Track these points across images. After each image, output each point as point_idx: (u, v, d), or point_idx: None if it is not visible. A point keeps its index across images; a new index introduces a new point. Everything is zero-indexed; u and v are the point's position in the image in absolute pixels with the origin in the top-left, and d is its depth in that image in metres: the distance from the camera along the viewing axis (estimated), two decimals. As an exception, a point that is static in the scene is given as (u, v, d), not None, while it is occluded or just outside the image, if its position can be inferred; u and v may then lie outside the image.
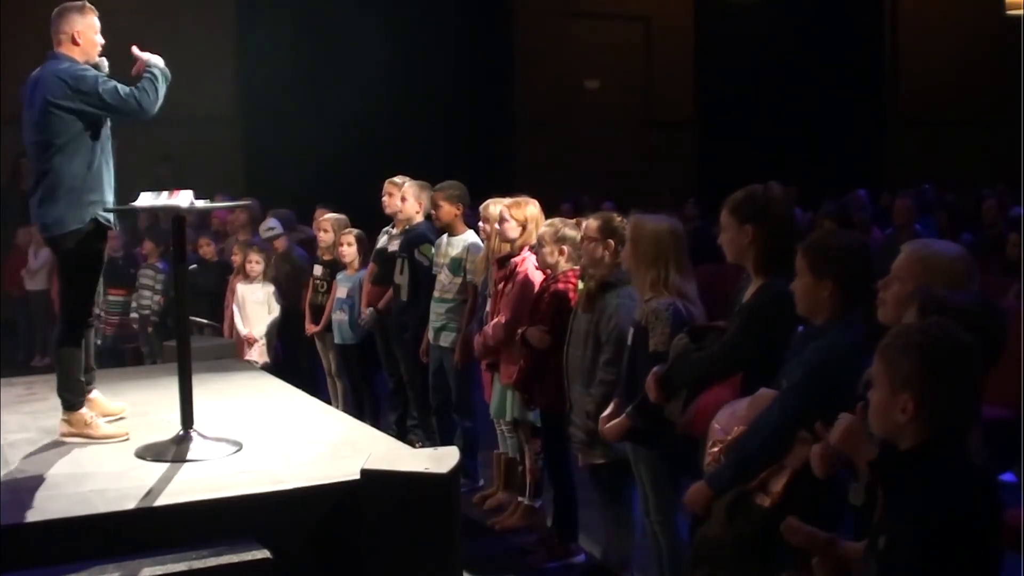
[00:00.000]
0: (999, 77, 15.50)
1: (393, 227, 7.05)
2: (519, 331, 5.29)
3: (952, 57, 17.49)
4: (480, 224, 6.10)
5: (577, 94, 16.14)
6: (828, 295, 3.23)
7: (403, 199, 6.80)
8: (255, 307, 7.61)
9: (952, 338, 2.30)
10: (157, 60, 4.72)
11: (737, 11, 16.40)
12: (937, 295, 2.63)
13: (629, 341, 4.38)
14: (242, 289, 7.63)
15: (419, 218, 6.76)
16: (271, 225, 8.19)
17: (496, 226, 5.82)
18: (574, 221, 5.30)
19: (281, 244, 8.12)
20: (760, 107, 16.28)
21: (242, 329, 7.53)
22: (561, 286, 5.16)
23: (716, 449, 3.37)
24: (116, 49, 4.85)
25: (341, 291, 7.29)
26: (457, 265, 6.32)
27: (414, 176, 6.99)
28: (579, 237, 5.11)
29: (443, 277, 6.39)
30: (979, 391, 2.37)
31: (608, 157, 15.28)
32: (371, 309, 7.03)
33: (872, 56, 18.15)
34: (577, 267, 5.14)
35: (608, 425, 4.36)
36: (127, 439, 4.72)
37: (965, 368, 2.30)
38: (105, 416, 4.92)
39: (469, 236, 6.37)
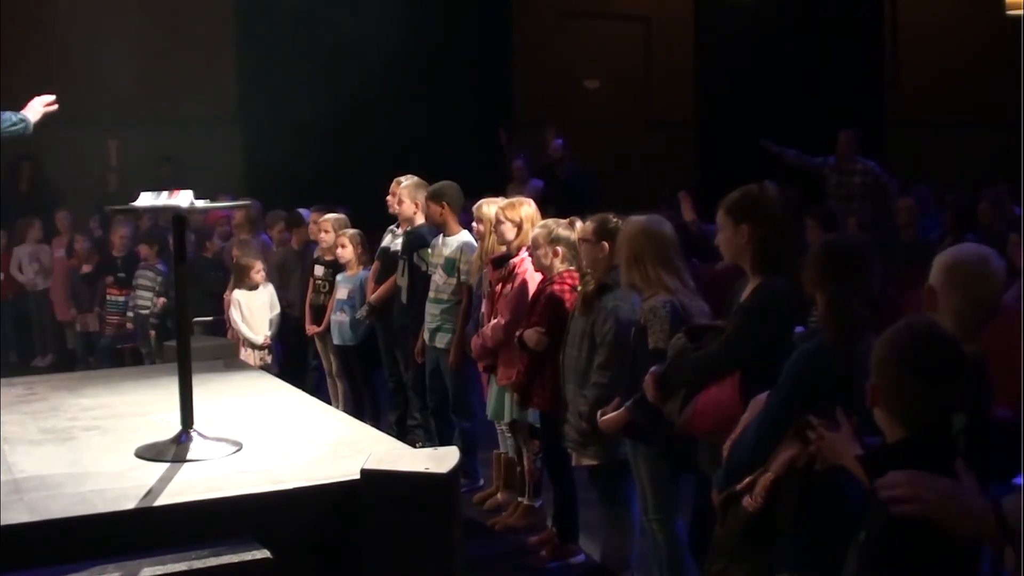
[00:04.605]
0: (999, 77, 15.48)
1: (398, 226, 7.05)
2: (516, 333, 5.30)
3: (952, 57, 17.45)
4: (473, 224, 6.09)
5: (577, 94, 16.13)
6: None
7: (400, 201, 6.80)
8: (261, 311, 7.60)
9: (933, 333, 2.32)
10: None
11: (737, 11, 16.39)
12: None
13: (631, 340, 4.40)
14: (245, 297, 7.58)
15: (419, 219, 6.74)
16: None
17: (491, 227, 5.82)
18: (567, 221, 5.30)
19: (298, 238, 8.25)
20: (760, 107, 16.25)
21: (256, 339, 7.52)
22: (557, 287, 5.15)
23: (723, 450, 3.41)
24: (117, 50, 4.86)
25: (342, 292, 7.29)
26: (451, 266, 6.31)
27: (417, 176, 6.98)
28: (573, 237, 5.12)
29: (437, 278, 6.38)
30: (964, 386, 2.38)
31: (608, 157, 15.26)
32: (366, 304, 7.05)
33: (872, 56, 18.12)
34: (573, 268, 5.14)
35: (606, 417, 4.37)
36: None
37: (946, 362, 2.32)
38: None
39: (463, 236, 6.35)
